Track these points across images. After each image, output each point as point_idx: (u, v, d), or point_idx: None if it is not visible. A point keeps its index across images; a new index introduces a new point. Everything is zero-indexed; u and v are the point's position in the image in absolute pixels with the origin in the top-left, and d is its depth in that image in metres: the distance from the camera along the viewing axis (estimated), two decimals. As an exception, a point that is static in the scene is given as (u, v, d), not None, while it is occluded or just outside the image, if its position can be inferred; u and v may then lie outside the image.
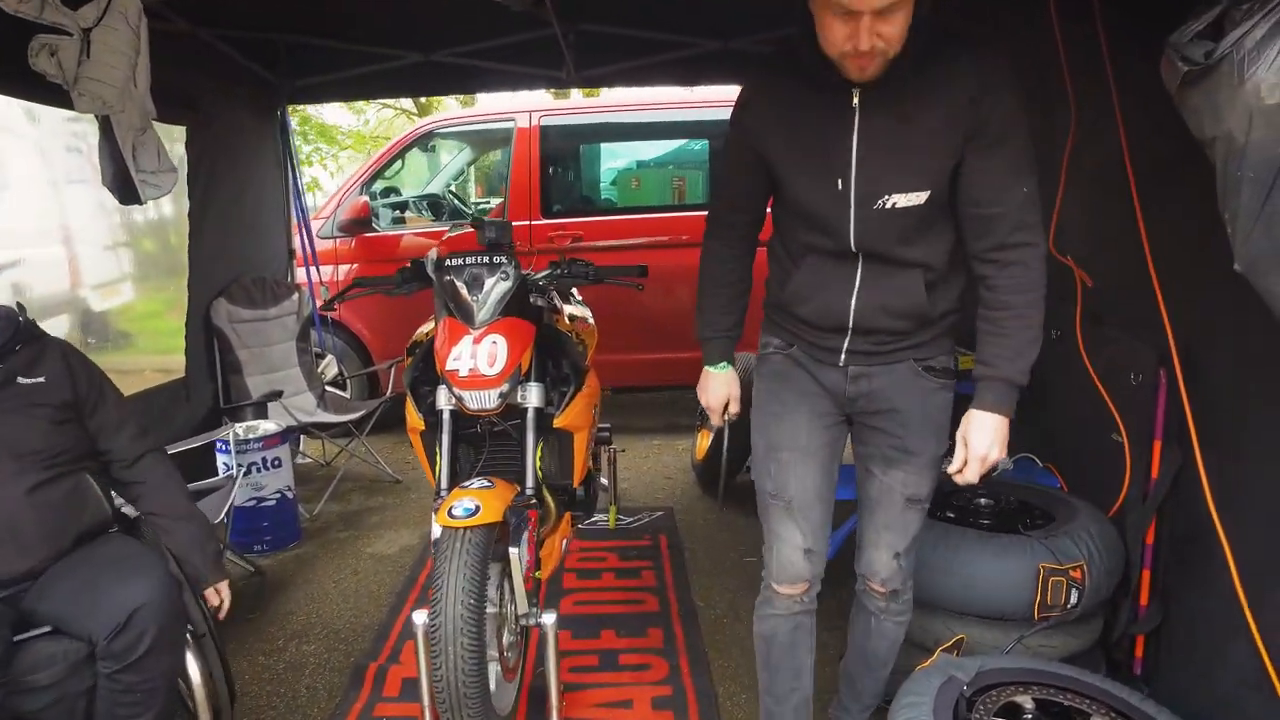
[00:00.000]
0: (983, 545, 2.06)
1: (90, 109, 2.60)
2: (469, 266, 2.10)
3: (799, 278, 1.65)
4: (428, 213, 5.53)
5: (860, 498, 1.85)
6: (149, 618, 1.68)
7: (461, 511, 1.89)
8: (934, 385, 1.71)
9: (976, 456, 1.60)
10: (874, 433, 1.74)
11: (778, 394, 1.77)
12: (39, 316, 2.18)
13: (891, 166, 1.52)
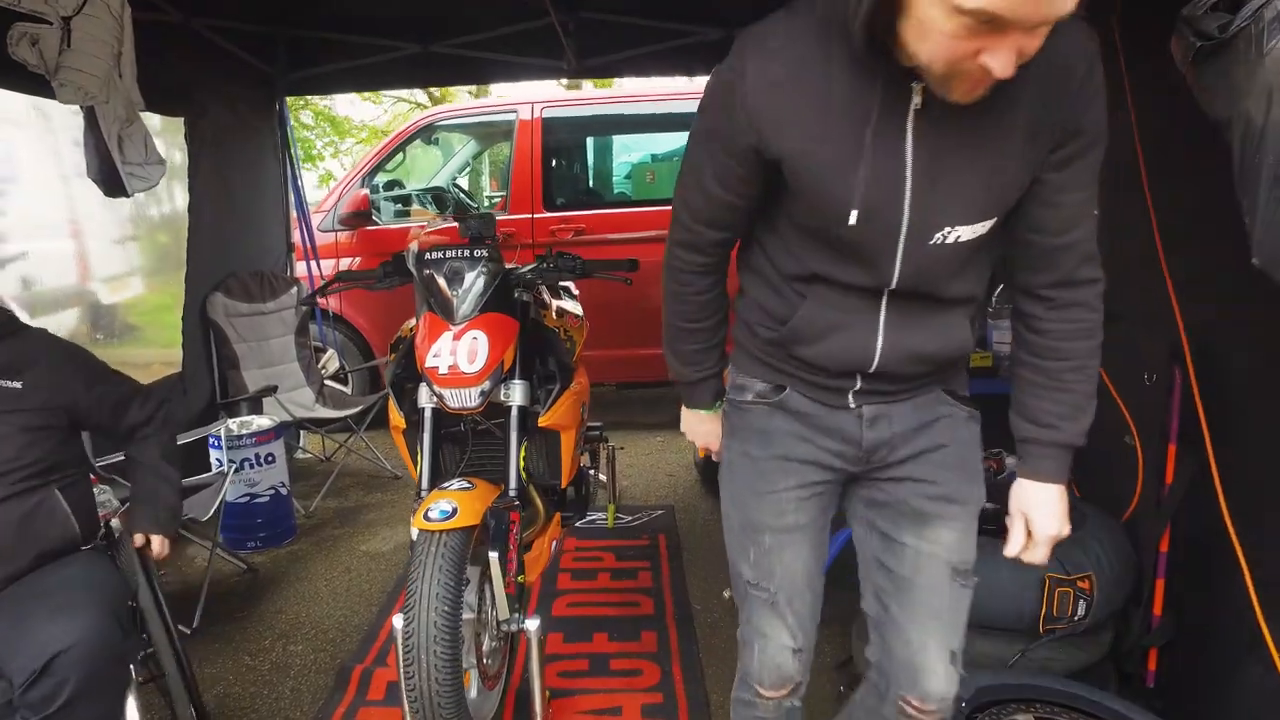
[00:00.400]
0: (985, 553, 1.96)
1: (72, 99, 2.55)
2: (449, 260, 2.03)
3: (804, 314, 1.26)
4: (432, 206, 5.47)
5: (878, 586, 1.39)
6: (71, 665, 1.50)
7: (438, 514, 1.82)
8: (963, 415, 1.37)
9: (1046, 538, 1.29)
10: (899, 485, 1.34)
11: (758, 463, 1.37)
12: (48, 310, 2.13)
13: (958, 190, 1.11)
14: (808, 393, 1.34)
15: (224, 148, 3.74)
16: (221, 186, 3.73)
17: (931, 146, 1.09)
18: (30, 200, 5.63)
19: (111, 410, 1.92)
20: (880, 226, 1.14)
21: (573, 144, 5.08)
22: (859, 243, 1.16)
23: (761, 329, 1.35)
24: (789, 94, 1.11)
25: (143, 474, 1.98)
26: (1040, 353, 1.27)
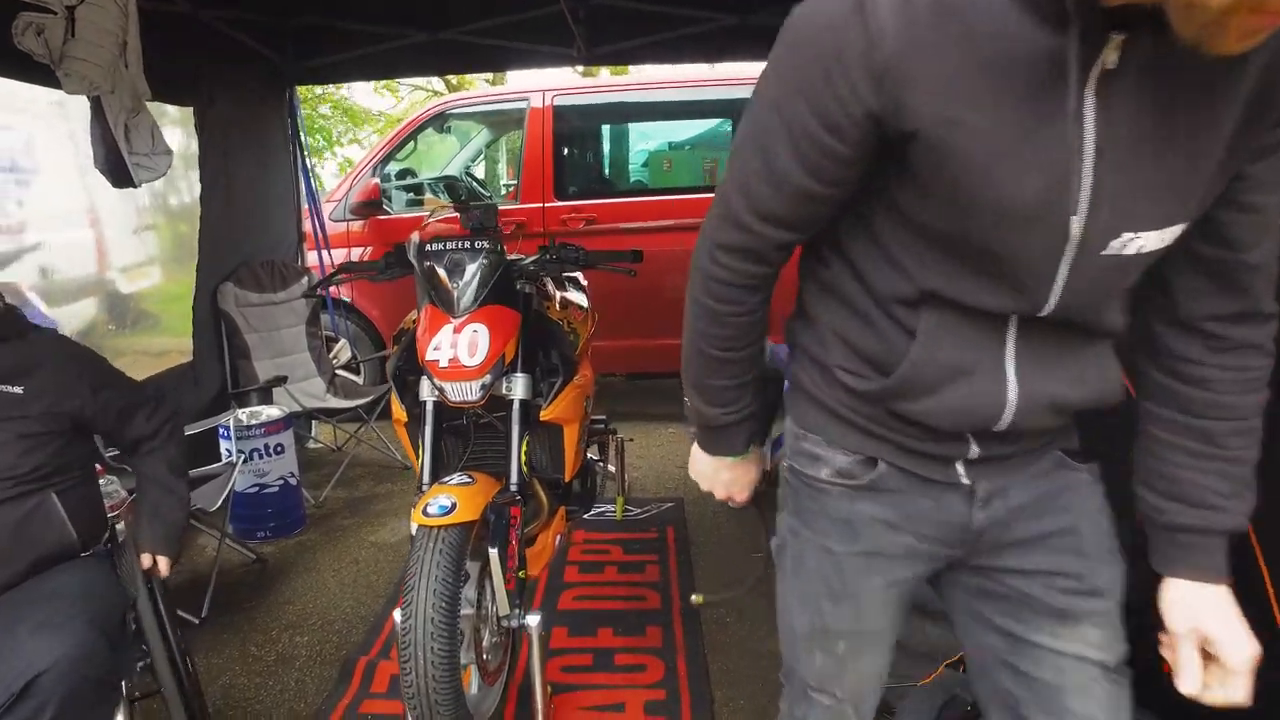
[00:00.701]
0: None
1: (78, 89, 2.55)
2: (449, 252, 2.00)
3: (918, 355, 0.95)
4: (444, 194, 5.45)
5: (1008, 695, 1.08)
6: (52, 686, 1.42)
7: (436, 509, 1.80)
8: (1086, 479, 1.07)
9: (1245, 661, 0.95)
10: (1027, 578, 1.05)
11: (838, 560, 1.10)
12: (67, 299, 2.12)
13: (1150, 182, 0.82)
14: (905, 463, 1.03)
15: (233, 137, 3.73)
16: (231, 176, 3.73)
17: (1120, 121, 0.78)
18: (50, 191, 5.67)
19: (117, 418, 1.88)
20: (1043, 229, 0.83)
21: (584, 132, 5.03)
22: (1010, 253, 0.86)
23: (847, 375, 1.02)
24: (935, 40, 0.77)
25: (149, 488, 1.93)
26: (1199, 409, 0.96)
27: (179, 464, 1.97)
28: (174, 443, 1.97)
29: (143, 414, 1.90)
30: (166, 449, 1.94)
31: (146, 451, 1.93)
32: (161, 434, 1.93)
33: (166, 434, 1.95)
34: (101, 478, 2.47)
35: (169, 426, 1.96)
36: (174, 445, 1.97)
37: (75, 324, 5.68)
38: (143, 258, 6.50)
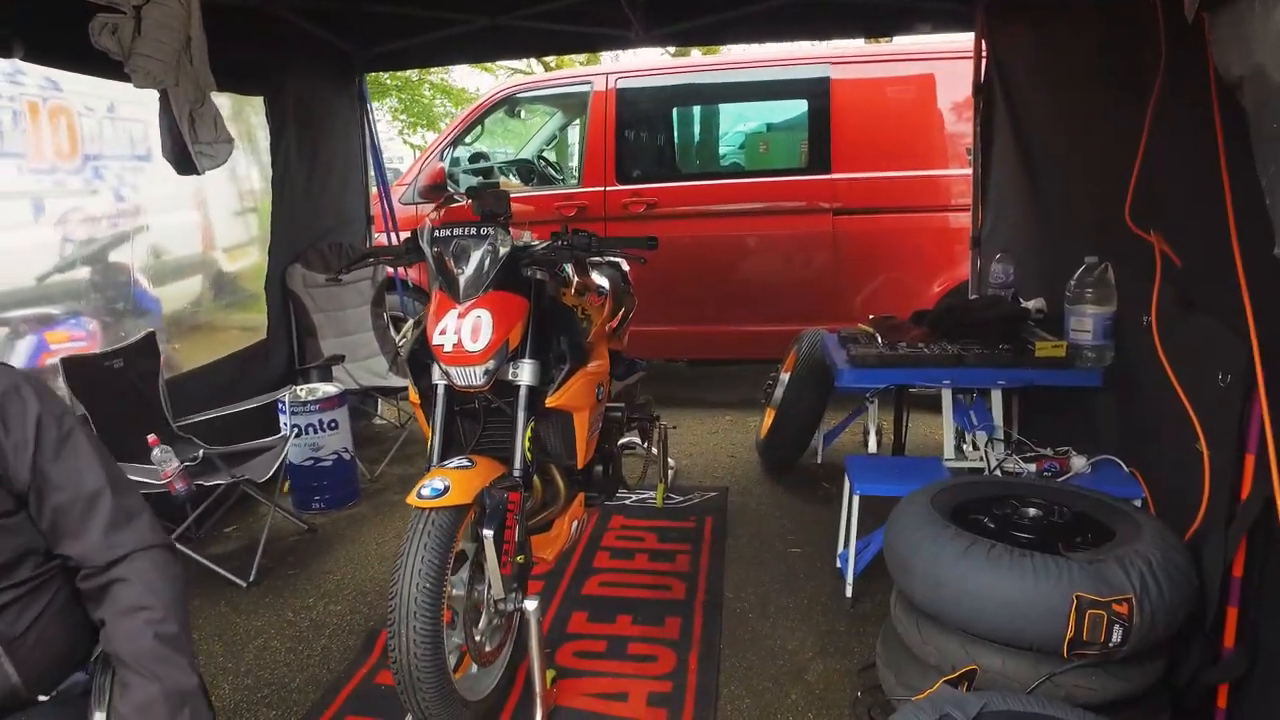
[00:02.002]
0: (1010, 564, 1.79)
1: (145, 84, 2.71)
2: (456, 238, 2.02)
3: None
4: (515, 177, 5.53)
5: None
6: None
7: (429, 491, 1.83)
8: None
9: None
10: None
11: None
12: (176, 277, 2.26)
13: None
14: None
15: (303, 124, 3.89)
16: (300, 162, 3.89)
17: None
18: (162, 176, 6.09)
19: (55, 515, 1.24)
20: None
21: (647, 115, 4.99)
22: None
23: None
24: None
25: (127, 676, 1.19)
26: None
27: (174, 635, 1.22)
28: (168, 571, 1.28)
29: (99, 517, 1.24)
30: (152, 575, 1.25)
31: (113, 592, 1.23)
32: (139, 563, 1.25)
33: (151, 556, 1.26)
34: (155, 448, 2.65)
35: (151, 565, 1.25)
36: (168, 573, 1.28)
37: (181, 301, 6.11)
38: (244, 238, 6.92)
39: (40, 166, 4.51)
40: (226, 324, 6.49)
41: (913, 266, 4.32)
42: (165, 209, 6.39)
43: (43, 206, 4.56)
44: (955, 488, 2.22)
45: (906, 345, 2.92)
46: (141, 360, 3.09)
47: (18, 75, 3.97)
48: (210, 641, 2.59)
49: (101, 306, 4.49)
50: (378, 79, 14.21)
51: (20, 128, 4.36)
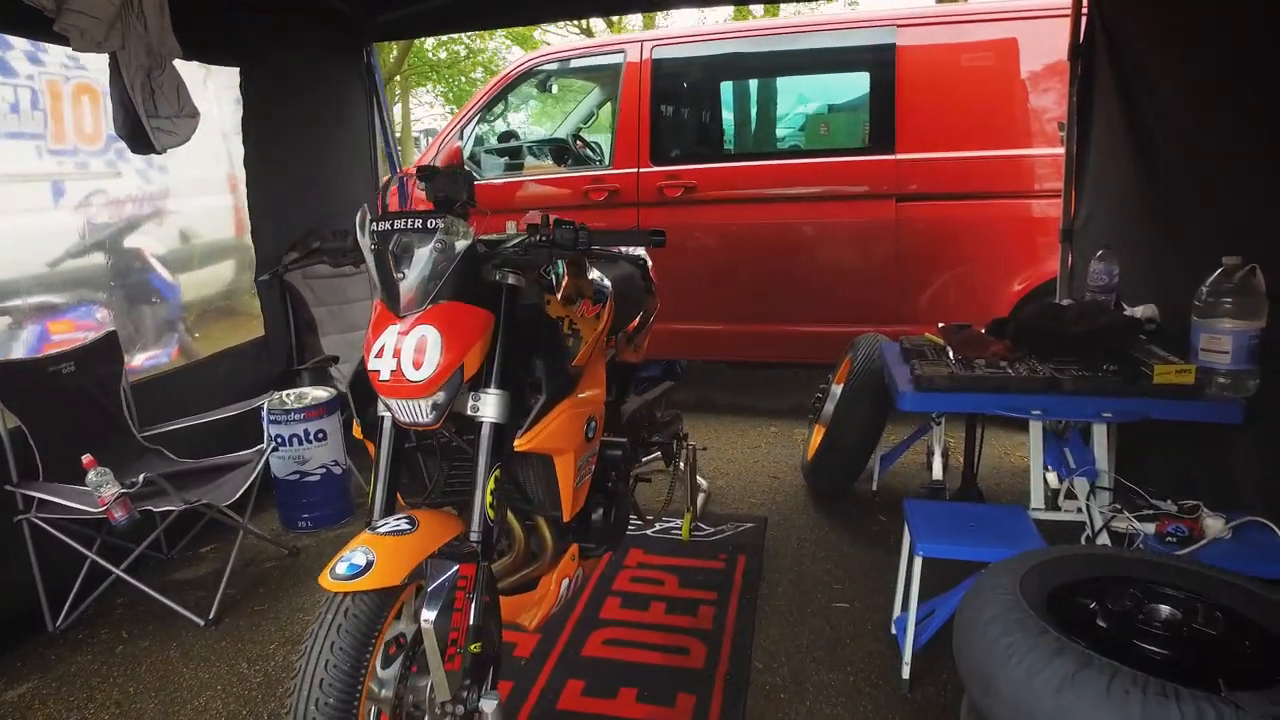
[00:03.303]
0: (1144, 709, 1.26)
1: (83, 46, 2.34)
2: (398, 232, 1.57)
3: None
4: (550, 158, 5.07)
5: None
6: None
7: (344, 569, 1.40)
8: None
9: None
10: None
11: None
12: (207, 261, 1.95)
13: None
14: None
15: (291, 98, 3.51)
16: (289, 140, 3.52)
17: None
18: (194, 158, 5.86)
19: None
20: None
21: (686, 88, 4.46)
22: None
23: None
24: None
25: None
26: None
27: None
28: None
29: None
30: None
31: None
32: None
33: None
34: (90, 469, 2.30)
35: None
36: None
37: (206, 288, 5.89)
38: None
39: (61, 148, 4.25)
40: (255, 312, 6.27)
41: (989, 261, 3.71)
42: (195, 192, 6.13)
43: (63, 189, 4.31)
44: (1052, 563, 1.69)
45: (985, 363, 2.37)
46: (98, 363, 2.76)
47: (38, 53, 3.71)
48: (145, 698, 2.23)
49: (114, 294, 4.23)
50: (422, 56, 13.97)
51: (40, 108, 4.11)
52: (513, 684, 2.22)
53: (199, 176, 5.81)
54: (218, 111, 4.12)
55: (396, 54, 11.72)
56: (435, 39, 14.46)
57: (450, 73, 11.10)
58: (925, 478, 3.33)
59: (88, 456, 2.31)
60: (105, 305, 4.21)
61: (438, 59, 10.52)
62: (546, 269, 1.80)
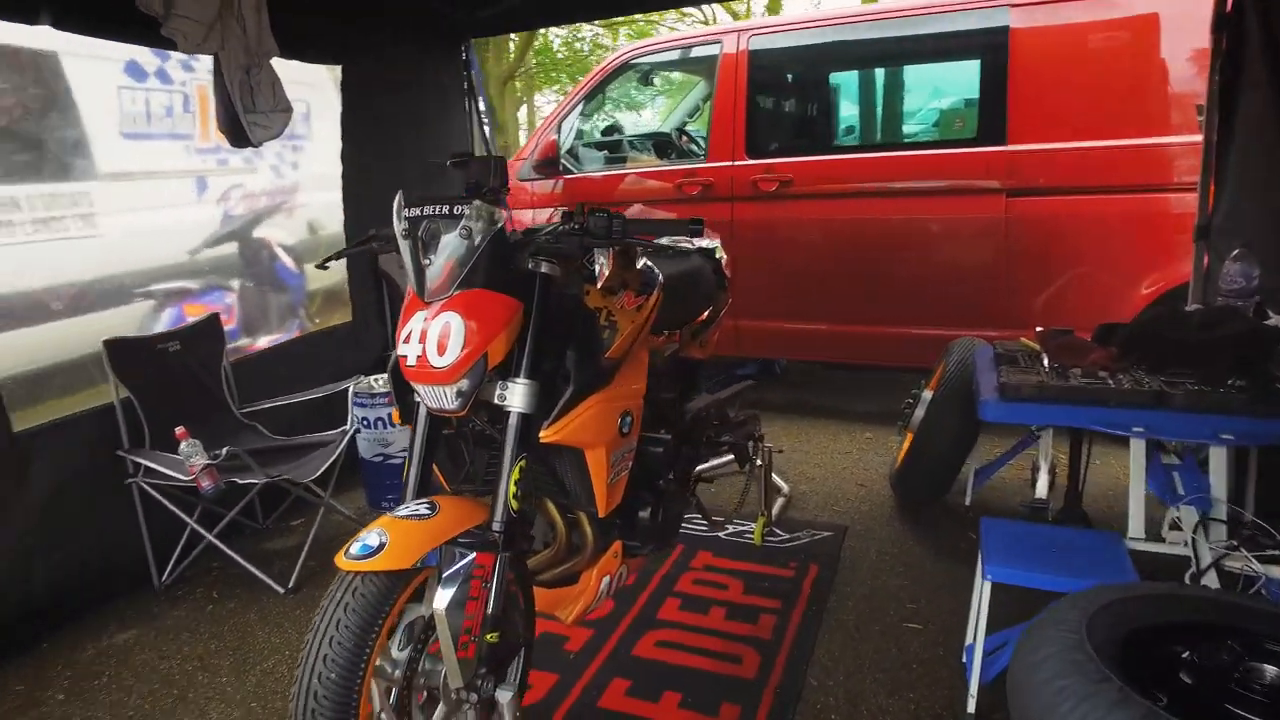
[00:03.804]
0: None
1: (187, 48, 2.51)
2: (427, 218, 1.57)
3: None
4: (652, 152, 5.05)
5: None
6: None
7: (358, 549, 1.42)
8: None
9: None
10: None
11: None
12: (326, 253, 2.15)
13: None
14: None
15: (390, 94, 3.65)
16: (387, 134, 3.66)
17: None
18: (319, 155, 6.27)
19: None
20: None
21: (783, 78, 4.30)
22: None
23: None
24: None
25: None
26: None
27: None
28: None
29: None
30: None
31: None
32: None
33: None
34: (182, 441, 2.47)
35: None
36: None
37: (328, 278, 6.28)
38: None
39: (206, 147, 4.64)
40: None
41: (1112, 262, 3.36)
42: (323, 187, 6.54)
43: (206, 184, 4.70)
44: (1134, 601, 1.49)
45: (1081, 372, 2.14)
46: (202, 343, 2.96)
47: (190, 62, 4.07)
48: (223, 655, 2.38)
49: (243, 280, 4.57)
50: (550, 57, 14.30)
51: (190, 111, 4.50)
52: (558, 677, 2.21)
53: (327, 173, 6.16)
54: (336, 113, 4.35)
55: (515, 52, 12.07)
56: (560, 37, 14.82)
57: (573, 70, 11.30)
58: (1027, 495, 3.06)
59: (180, 428, 2.49)
60: (234, 291, 4.56)
61: (560, 57, 10.75)
62: (589, 259, 1.76)
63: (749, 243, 4.03)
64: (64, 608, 2.56)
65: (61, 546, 2.53)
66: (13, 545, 2.42)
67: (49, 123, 3.51)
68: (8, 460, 2.38)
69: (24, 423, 2.50)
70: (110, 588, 2.69)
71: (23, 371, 3.11)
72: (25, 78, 3.32)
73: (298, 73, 4.87)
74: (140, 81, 4.05)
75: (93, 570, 2.63)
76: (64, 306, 3.48)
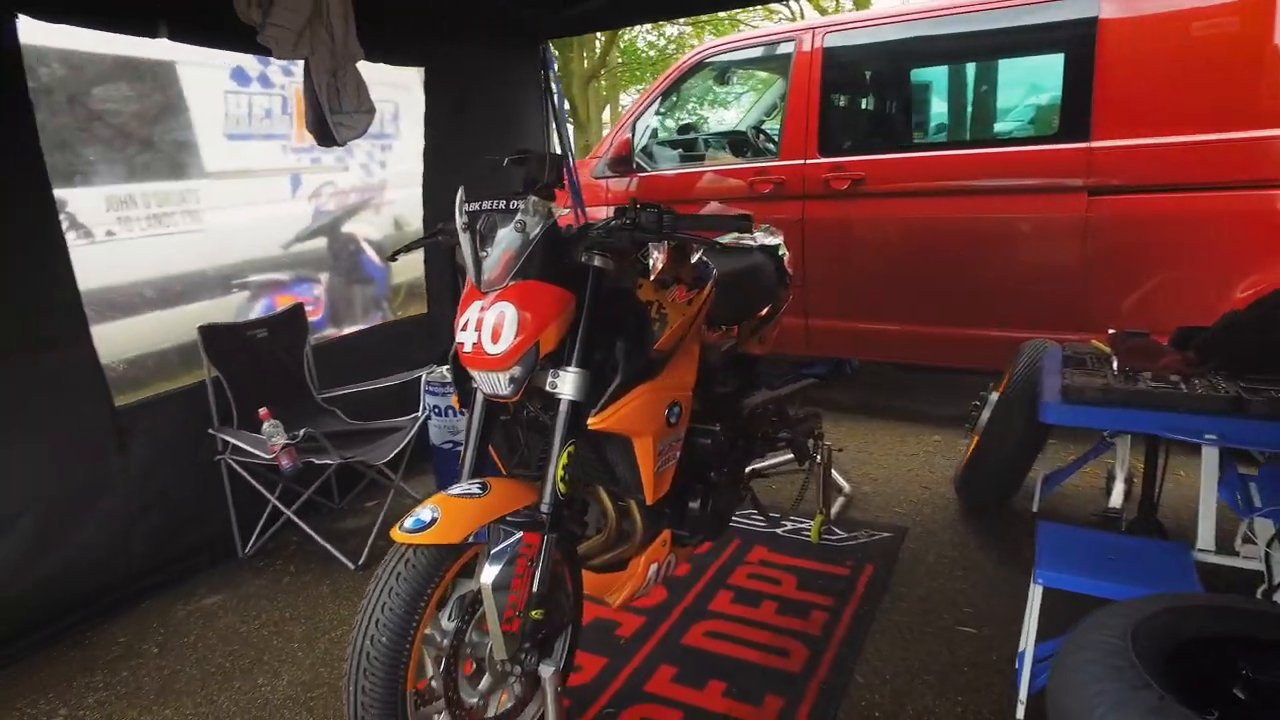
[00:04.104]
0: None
1: (280, 54, 2.68)
2: (485, 212, 1.66)
3: None
4: (729, 150, 5.06)
5: None
6: None
7: (412, 523, 1.51)
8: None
9: None
10: None
11: None
12: (416, 247, 2.34)
13: None
14: None
15: (468, 94, 3.78)
16: (463, 132, 3.80)
17: None
18: (406, 153, 6.55)
19: None
20: None
21: (856, 76, 4.24)
22: None
23: None
24: None
25: None
26: None
27: None
28: None
29: None
30: None
31: None
32: None
33: None
34: (265, 421, 2.64)
35: None
36: None
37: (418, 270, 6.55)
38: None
39: (300, 146, 4.92)
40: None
41: (1204, 263, 3.19)
42: (409, 184, 6.82)
43: (300, 181, 4.98)
44: (1191, 611, 1.45)
45: (1152, 376, 2.06)
46: (286, 331, 3.15)
47: (290, 67, 4.33)
48: (296, 623, 2.54)
49: (330, 274, 4.82)
50: (636, 55, 14.43)
51: (287, 112, 4.78)
52: (607, 661, 2.27)
53: (413, 170, 6.42)
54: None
55: (599, 52, 12.23)
56: (646, 38, 14.92)
57: (656, 69, 11.40)
58: (1101, 504, 2.95)
59: (263, 409, 2.66)
60: (322, 283, 4.80)
61: (646, 56, 10.88)
62: (643, 253, 1.81)
63: (820, 241, 4.01)
64: (159, 572, 2.78)
65: (158, 515, 2.74)
66: (117, 512, 2.64)
67: (164, 126, 3.78)
68: (109, 433, 2.60)
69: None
70: (200, 556, 2.90)
71: (133, 355, 3.38)
72: (146, 86, 3.59)
73: (389, 74, 5.08)
74: (244, 86, 4.31)
75: (185, 539, 2.84)
76: (170, 296, 3.75)
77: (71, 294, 2.48)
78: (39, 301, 2.43)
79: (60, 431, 2.48)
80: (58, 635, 2.50)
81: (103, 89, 3.17)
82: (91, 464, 2.57)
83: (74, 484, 2.52)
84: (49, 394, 2.45)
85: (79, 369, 2.52)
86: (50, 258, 2.44)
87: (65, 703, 2.22)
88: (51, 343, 2.45)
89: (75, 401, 2.52)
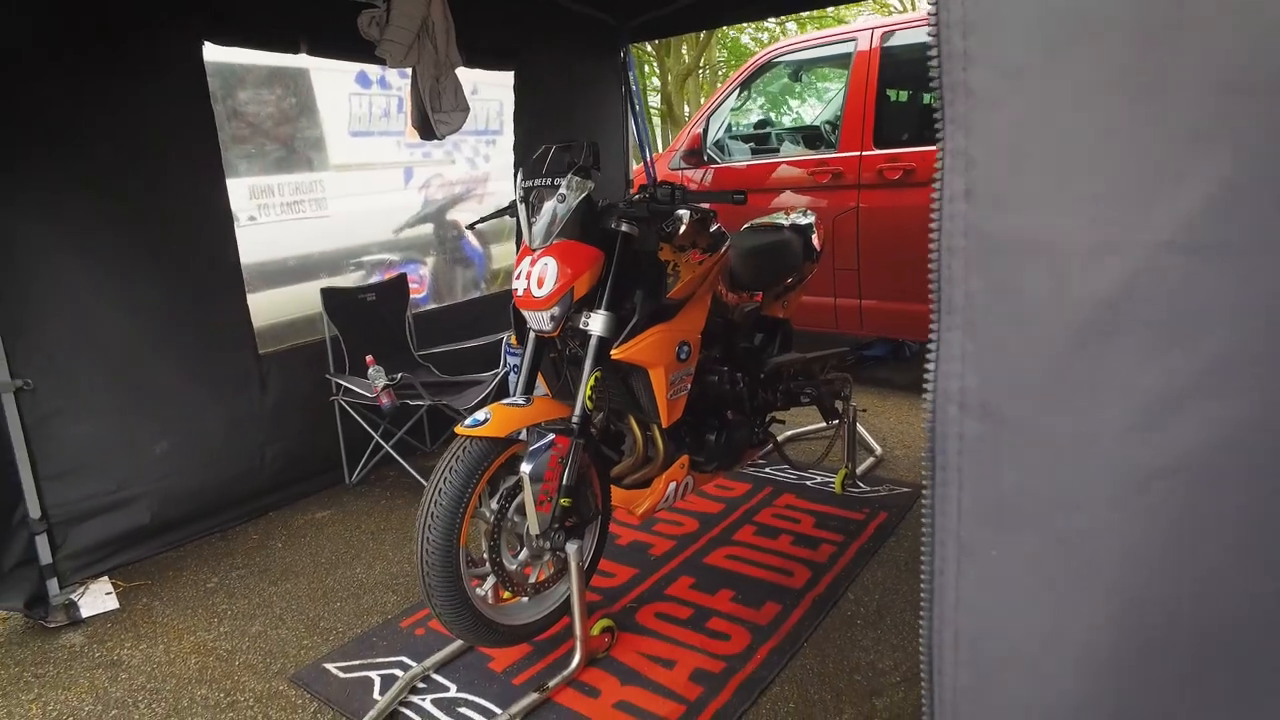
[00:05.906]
0: None
1: (395, 64, 3.23)
2: (535, 188, 2.12)
3: None
4: (801, 144, 5.38)
5: None
6: None
7: (470, 421, 1.98)
8: None
9: None
10: None
11: None
12: (504, 238, 2.84)
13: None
14: None
15: (553, 95, 4.26)
16: (549, 129, 4.29)
17: None
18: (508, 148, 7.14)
19: None
20: None
21: (911, 73, 4.48)
22: None
23: None
24: None
25: None
26: None
27: None
28: None
29: None
30: None
31: None
32: None
33: None
34: (370, 366, 3.19)
35: None
36: None
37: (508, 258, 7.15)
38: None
39: (413, 142, 5.57)
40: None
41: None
42: (508, 176, 7.43)
43: (412, 173, 5.64)
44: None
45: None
46: (392, 297, 3.72)
47: (404, 71, 4.99)
48: (388, 534, 3.08)
49: (435, 256, 5.45)
50: (739, 52, 14.74)
51: (402, 112, 5.44)
52: (637, 570, 2.69)
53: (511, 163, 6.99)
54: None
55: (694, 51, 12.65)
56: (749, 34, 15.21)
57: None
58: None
59: (369, 356, 3.22)
60: (427, 265, 5.43)
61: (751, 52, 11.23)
62: (667, 223, 2.22)
63: (873, 227, 4.29)
64: (283, 490, 3.39)
65: (285, 444, 3.35)
66: (258, 437, 3.26)
67: (299, 125, 4.45)
68: (255, 375, 3.22)
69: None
70: (315, 480, 3.50)
71: (267, 325, 4.05)
72: (286, 90, 4.26)
73: (496, 76, 5.66)
74: (365, 88, 4.95)
75: (304, 465, 3.45)
76: (299, 273, 4.42)
77: (235, 262, 3.10)
78: (214, 267, 3.06)
79: (220, 369, 3.11)
80: (211, 529, 3.14)
81: (252, 93, 3.83)
82: (242, 399, 3.19)
83: (229, 414, 3.15)
84: (215, 342, 3.08)
85: (236, 324, 3.15)
86: (223, 233, 3.07)
87: (216, 573, 2.84)
88: (218, 300, 3.08)
89: (233, 348, 3.15)
